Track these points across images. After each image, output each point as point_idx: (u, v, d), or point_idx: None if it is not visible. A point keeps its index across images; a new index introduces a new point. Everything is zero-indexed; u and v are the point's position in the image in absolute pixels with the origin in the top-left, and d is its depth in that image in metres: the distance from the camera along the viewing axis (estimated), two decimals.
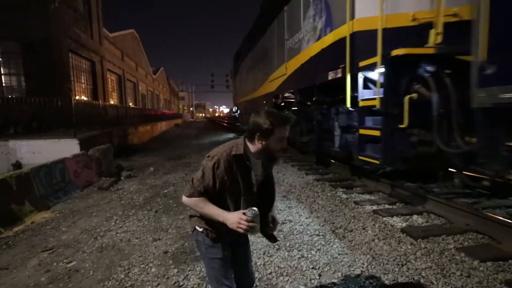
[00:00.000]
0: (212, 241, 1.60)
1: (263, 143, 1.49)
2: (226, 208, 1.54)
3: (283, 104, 9.30)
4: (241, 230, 1.42)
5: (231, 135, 19.45)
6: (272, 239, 1.80)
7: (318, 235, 3.61)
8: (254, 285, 2.16)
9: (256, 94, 12.60)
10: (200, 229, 1.61)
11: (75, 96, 13.79)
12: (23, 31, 11.56)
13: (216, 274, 1.63)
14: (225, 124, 36.90)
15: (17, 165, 7.75)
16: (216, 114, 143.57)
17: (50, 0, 11.95)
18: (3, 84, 12.06)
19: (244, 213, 1.43)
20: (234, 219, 1.43)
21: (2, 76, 12.03)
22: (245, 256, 1.80)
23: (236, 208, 1.56)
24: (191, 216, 1.68)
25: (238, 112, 20.24)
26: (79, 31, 14.47)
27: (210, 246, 1.61)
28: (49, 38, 11.99)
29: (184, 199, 1.57)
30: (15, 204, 4.49)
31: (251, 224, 1.41)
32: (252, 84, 13.82)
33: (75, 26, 14.02)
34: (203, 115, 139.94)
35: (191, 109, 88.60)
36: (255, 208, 1.44)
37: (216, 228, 1.58)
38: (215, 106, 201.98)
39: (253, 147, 1.53)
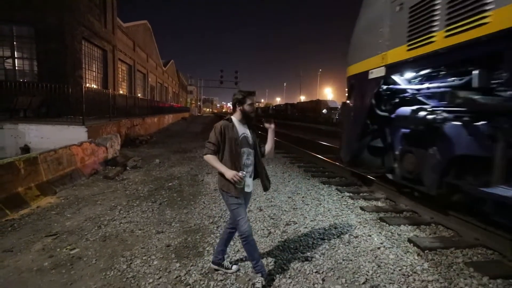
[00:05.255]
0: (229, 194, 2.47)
1: (241, 108, 2.50)
2: (226, 166, 2.41)
3: None
4: (232, 181, 2.35)
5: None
6: (264, 188, 2.69)
7: (322, 239, 3.56)
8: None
9: None
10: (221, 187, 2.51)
11: (86, 83, 13.87)
12: (38, 16, 11.66)
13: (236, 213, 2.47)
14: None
15: (25, 149, 7.81)
16: (224, 110, 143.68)
17: None
18: (16, 68, 12.19)
19: (238, 172, 2.34)
20: (231, 174, 2.33)
21: (16, 60, 12.15)
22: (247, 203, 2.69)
23: (232, 165, 2.42)
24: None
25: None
26: (93, 19, 14.53)
27: (230, 196, 2.47)
28: (63, 24, 12.06)
29: (204, 157, 2.46)
30: (22, 188, 4.52)
31: (238, 179, 2.34)
32: None
33: (90, 14, 14.08)
34: (210, 110, 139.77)
35: (199, 103, 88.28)
36: (244, 172, 2.39)
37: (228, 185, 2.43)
38: (223, 102, 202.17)
39: (236, 114, 2.54)
